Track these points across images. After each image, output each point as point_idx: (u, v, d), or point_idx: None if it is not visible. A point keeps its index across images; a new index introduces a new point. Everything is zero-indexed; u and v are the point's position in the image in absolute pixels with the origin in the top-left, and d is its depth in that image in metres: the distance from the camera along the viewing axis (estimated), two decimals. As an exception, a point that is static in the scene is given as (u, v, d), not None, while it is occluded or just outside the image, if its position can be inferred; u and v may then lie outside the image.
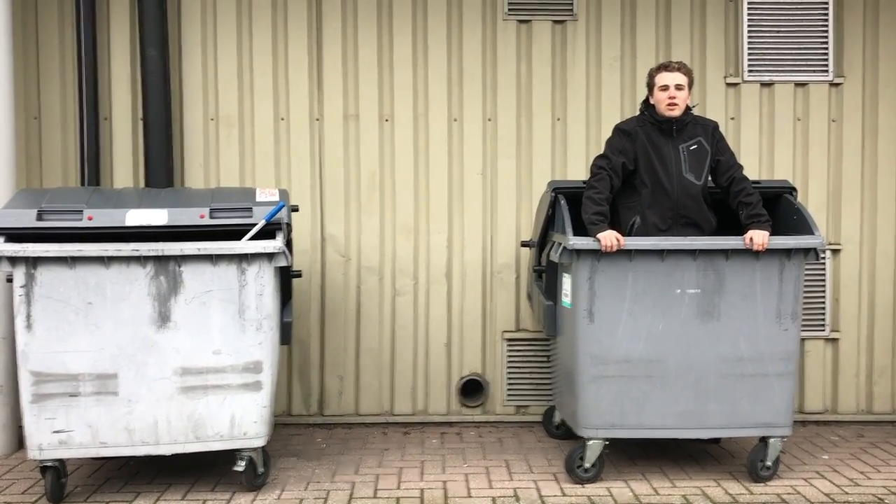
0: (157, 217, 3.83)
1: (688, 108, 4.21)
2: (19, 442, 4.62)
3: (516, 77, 5.24)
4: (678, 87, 4.13)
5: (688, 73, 4.19)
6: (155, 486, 4.05)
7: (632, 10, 5.24)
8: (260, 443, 3.92)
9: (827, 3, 5.23)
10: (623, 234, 4.00)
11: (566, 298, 4.18)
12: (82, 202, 3.87)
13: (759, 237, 3.94)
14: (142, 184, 5.07)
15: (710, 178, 4.28)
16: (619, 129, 4.26)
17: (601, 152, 4.28)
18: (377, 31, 5.20)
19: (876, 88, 5.28)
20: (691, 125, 4.23)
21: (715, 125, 4.31)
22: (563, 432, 4.85)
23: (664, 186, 4.15)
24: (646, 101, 4.28)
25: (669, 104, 4.13)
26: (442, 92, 5.23)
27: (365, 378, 5.27)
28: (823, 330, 5.29)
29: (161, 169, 4.96)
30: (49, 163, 5.13)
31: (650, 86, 4.23)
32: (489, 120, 5.25)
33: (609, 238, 3.90)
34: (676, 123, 4.16)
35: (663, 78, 4.15)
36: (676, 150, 4.17)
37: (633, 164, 4.18)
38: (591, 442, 4.06)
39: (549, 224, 4.53)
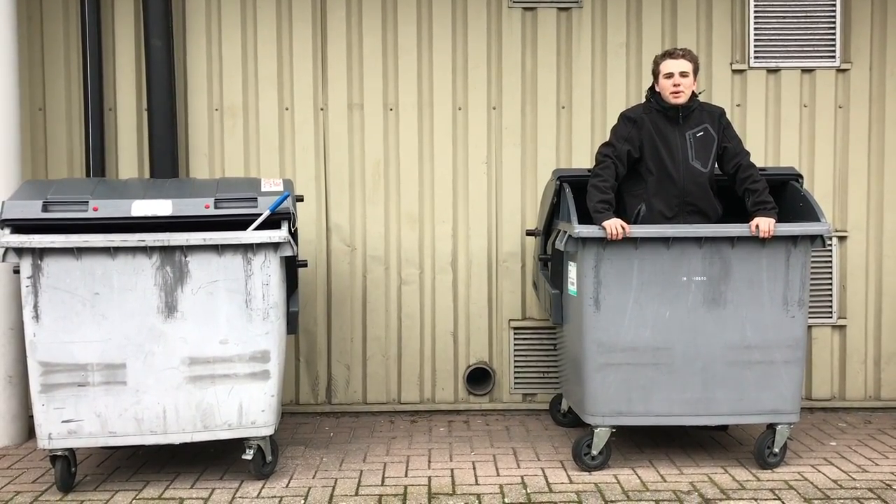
0: (162, 207, 3.83)
1: (694, 95, 4.19)
2: (30, 432, 4.65)
3: (521, 65, 5.22)
4: (683, 75, 4.11)
5: (693, 59, 4.16)
6: (164, 475, 4.07)
7: (637, -4, 5.22)
8: (268, 431, 3.94)
9: (834, -12, 5.20)
10: (628, 223, 3.99)
11: (572, 287, 4.18)
12: (87, 193, 3.87)
13: (764, 224, 3.93)
14: (147, 174, 5.08)
15: (716, 166, 4.27)
16: (624, 117, 4.24)
17: (606, 140, 4.27)
18: (381, 19, 5.19)
19: (883, 74, 5.24)
20: (698, 112, 4.21)
21: (721, 111, 4.29)
22: (570, 420, 4.86)
23: (670, 174, 4.13)
24: (651, 89, 4.26)
25: (674, 92, 4.11)
26: (447, 80, 5.22)
27: (372, 367, 5.28)
28: (830, 317, 5.28)
29: (166, 159, 4.96)
30: (54, 154, 5.13)
31: (655, 73, 4.22)
32: (494, 108, 5.24)
33: (614, 226, 3.90)
34: (682, 110, 4.14)
35: (668, 65, 4.13)
36: (683, 138, 4.15)
37: (639, 152, 4.17)
38: (598, 429, 4.07)
39: (554, 212, 4.53)
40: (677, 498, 3.75)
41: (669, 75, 4.12)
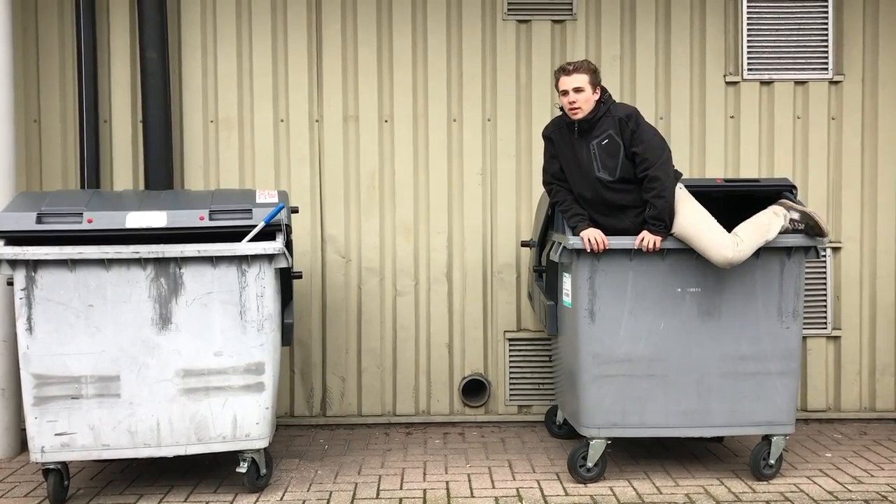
0: (157, 219, 3.83)
1: (602, 102, 4.02)
2: (22, 445, 4.62)
3: (516, 77, 5.24)
4: (577, 91, 3.96)
5: (588, 70, 3.99)
6: (157, 489, 4.05)
7: (631, 9, 5.24)
8: (262, 444, 3.92)
9: (826, 1, 5.22)
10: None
11: (567, 298, 4.18)
12: (82, 205, 3.87)
13: (648, 239, 3.90)
14: (142, 186, 5.08)
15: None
16: (544, 136, 4.26)
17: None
18: (377, 32, 5.21)
19: (875, 86, 5.27)
20: (604, 119, 4.02)
21: (626, 115, 3.99)
22: (565, 432, 4.85)
23: (583, 188, 4.07)
24: None
25: (571, 109, 4.00)
26: (441, 92, 5.23)
27: (367, 379, 5.27)
28: (825, 328, 5.28)
29: (161, 171, 4.96)
30: (49, 165, 5.13)
31: (557, 89, 4.11)
32: (489, 120, 5.25)
33: (591, 236, 3.92)
34: (583, 123, 4.01)
35: (562, 83, 4.01)
36: (589, 149, 4.03)
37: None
38: (593, 441, 4.06)
39: (548, 224, 4.53)
40: (673, 510, 3.74)
41: (564, 93, 4.00)
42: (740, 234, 3.94)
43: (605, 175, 4.01)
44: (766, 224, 3.98)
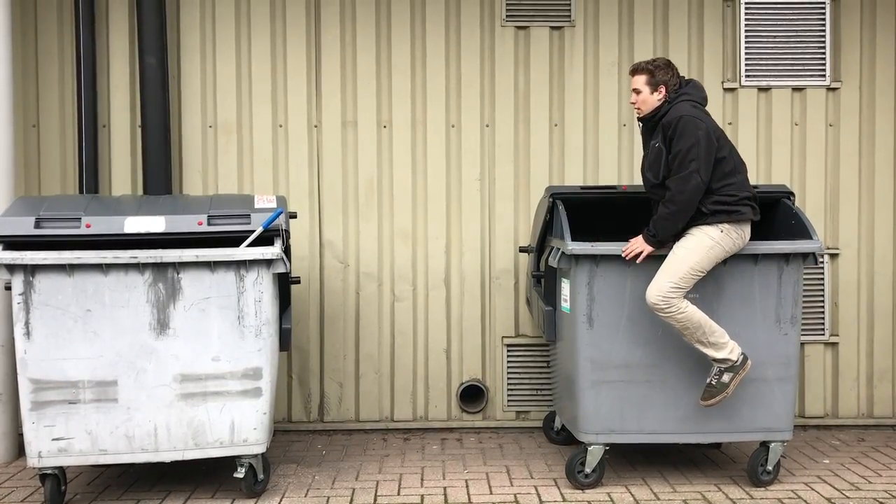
0: (155, 224, 3.83)
1: (666, 103, 4.02)
2: (19, 449, 4.61)
3: (514, 83, 5.25)
4: (636, 91, 4.09)
5: (645, 71, 4.05)
6: (155, 494, 4.04)
7: (629, 15, 5.25)
8: (259, 449, 3.91)
9: (824, 8, 5.24)
10: None
11: (565, 303, 4.18)
12: (80, 209, 3.87)
13: (635, 244, 3.91)
14: (140, 191, 5.08)
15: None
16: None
17: None
18: (375, 37, 5.22)
19: (873, 93, 5.29)
20: (662, 123, 4.03)
21: (668, 121, 3.95)
22: (563, 438, 4.84)
23: (644, 183, 4.19)
24: None
25: (635, 108, 4.17)
26: (440, 98, 5.24)
27: (365, 384, 5.26)
28: (823, 334, 5.29)
29: (159, 176, 4.96)
30: (47, 170, 5.13)
31: None
32: (487, 126, 5.26)
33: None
34: (646, 122, 4.14)
35: (631, 83, 4.16)
36: (648, 148, 4.15)
37: None
38: (591, 447, 4.06)
39: (547, 229, 4.54)
40: (671, 516, 3.74)
41: (631, 93, 4.17)
42: (682, 316, 3.84)
43: (650, 175, 4.06)
44: (705, 338, 3.88)
